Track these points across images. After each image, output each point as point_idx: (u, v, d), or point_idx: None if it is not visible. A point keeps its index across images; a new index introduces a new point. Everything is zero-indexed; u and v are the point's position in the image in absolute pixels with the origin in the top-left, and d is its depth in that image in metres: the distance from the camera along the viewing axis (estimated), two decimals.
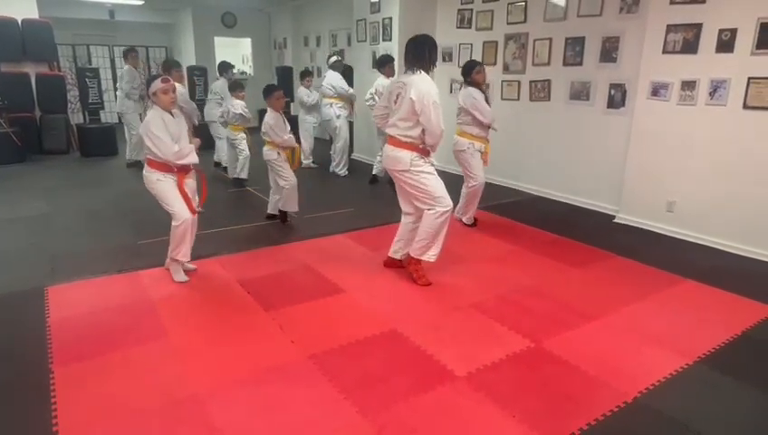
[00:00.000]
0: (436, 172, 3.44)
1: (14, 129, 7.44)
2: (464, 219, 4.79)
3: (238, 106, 5.94)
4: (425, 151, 3.38)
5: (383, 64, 5.98)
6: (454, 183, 4.67)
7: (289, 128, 4.63)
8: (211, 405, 2.25)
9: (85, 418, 2.18)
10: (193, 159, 3.37)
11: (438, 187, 3.39)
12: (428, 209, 3.40)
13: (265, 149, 4.59)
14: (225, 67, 7.17)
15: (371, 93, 6.17)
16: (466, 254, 4.11)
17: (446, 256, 3.92)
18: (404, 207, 3.64)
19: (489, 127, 4.51)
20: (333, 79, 6.77)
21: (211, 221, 4.72)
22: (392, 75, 5.92)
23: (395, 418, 2.19)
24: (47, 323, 2.94)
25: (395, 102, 3.37)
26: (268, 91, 4.60)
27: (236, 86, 6.09)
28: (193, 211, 3.45)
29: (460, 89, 4.60)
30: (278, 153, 4.56)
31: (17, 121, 7.61)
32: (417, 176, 3.36)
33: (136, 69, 7.15)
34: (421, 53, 3.32)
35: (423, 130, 3.27)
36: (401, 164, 3.36)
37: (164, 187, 3.37)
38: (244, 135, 6.12)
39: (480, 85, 4.50)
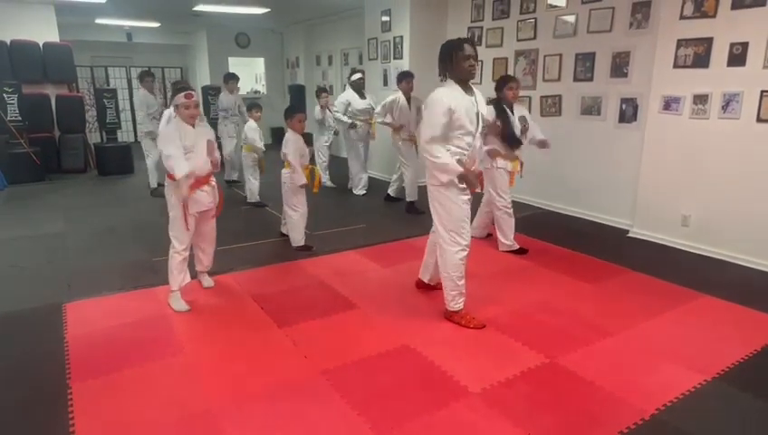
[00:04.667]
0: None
1: (34, 148, 7.62)
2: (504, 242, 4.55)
3: (251, 131, 5.91)
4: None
5: (401, 80, 5.95)
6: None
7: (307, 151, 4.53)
8: (225, 421, 2.26)
9: (102, 433, 2.20)
10: (178, 169, 3.12)
11: (461, 217, 3.07)
12: (446, 245, 3.08)
13: (284, 171, 4.45)
14: (226, 79, 7.16)
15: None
16: (479, 269, 4.09)
17: None
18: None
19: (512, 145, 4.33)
20: (341, 98, 6.72)
21: (225, 238, 4.76)
22: (410, 90, 5.91)
23: (408, 434, 2.18)
24: (65, 339, 2.99)
25: None
26: (290, 113, 4.45)
27: (252, 106, 6.14)
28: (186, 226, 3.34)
29: (487, 104, 4.47)
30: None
31: (37, 141, 7.80)
32: (442, 196, 3.05)
33: (151, 93, 6.82)
34: (440, 63, 3.12)
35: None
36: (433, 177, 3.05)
37: (177, 209, 3.29)
38: (255, 156, 6.02)
39: (510, 101, 4.35)
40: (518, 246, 4.52)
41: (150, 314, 3.34)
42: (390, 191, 6.42)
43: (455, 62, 3.01)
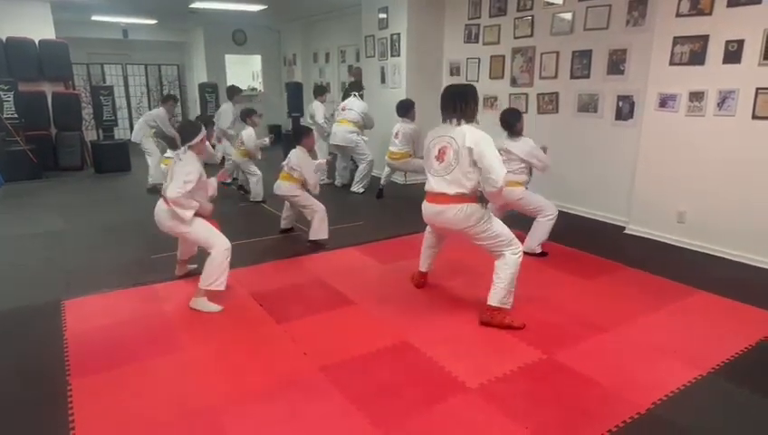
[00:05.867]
0: None
1: (31, 146, 7.60)
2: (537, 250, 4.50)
3: (250, 139, 5.99)
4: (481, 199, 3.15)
5: (409, 110, 6.09)
6: None
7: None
8: (225, 417, 2.28)
9: (102, 429, 2.21)
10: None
11: (504, 227, 3.20)
12: (510, 253, 3.14)
13: (287, 184, 4.51)
14: (233, 92, 7.25)
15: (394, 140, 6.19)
16: (476, 266, 4.11)
17: (457, 267, 3.95)
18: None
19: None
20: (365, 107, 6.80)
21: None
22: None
23: (407, 429, 2.20)
24: (64, 337, 2.99)
25: (438, 158, 3.08)
26: (305, 134, 4.60)
27: (251, 112, 6.14)
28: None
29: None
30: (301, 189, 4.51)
31: (34, 139, 7.78)
32: (489, 224, 3.12)
33: (171, 114, 7.07)
34: (466, 106, 3.06)
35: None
36: (474, 217, 3.06)
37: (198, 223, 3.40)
38: (250, 159, 6.12)
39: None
40: (540, 250, 4.43)
41: (149, 311, 3.35)
42: (383, 183, 6.51)
43: (475, 108, 3.11)
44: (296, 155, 4.52)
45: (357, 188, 6.88)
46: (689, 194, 4.52)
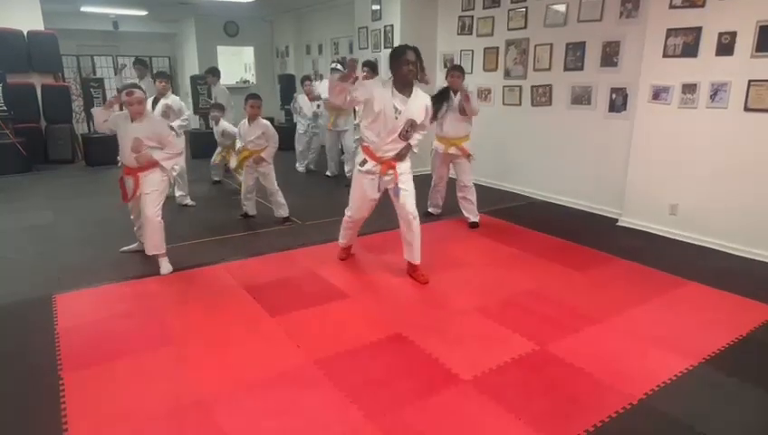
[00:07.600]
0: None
1: (20, 139, 7.51)
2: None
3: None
4: None
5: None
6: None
7: (256, 135, 4.85)
8: (218, 410, 2.27)
9: (95, 423, 2.20)
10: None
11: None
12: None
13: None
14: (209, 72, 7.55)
15: None
16: (470, 258, 4.13)
17: (450, 260, 3.96)
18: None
19: None
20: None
21: (217, 228, 4.75)
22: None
23: (401, 421, 2.21)
24: (56, 331, 2.97)
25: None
26: (246, 101, 4.88)
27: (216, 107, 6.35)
28: (125, 198, 3.99)
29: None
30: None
31: (23, 132, 7.68)
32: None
33: (141, 79, 6.95)
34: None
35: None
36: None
37: None
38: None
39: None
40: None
41: (141, 304, 3.33)
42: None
43: (396, 67, 3.44)
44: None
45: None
46: (681, 186, 4.54)
